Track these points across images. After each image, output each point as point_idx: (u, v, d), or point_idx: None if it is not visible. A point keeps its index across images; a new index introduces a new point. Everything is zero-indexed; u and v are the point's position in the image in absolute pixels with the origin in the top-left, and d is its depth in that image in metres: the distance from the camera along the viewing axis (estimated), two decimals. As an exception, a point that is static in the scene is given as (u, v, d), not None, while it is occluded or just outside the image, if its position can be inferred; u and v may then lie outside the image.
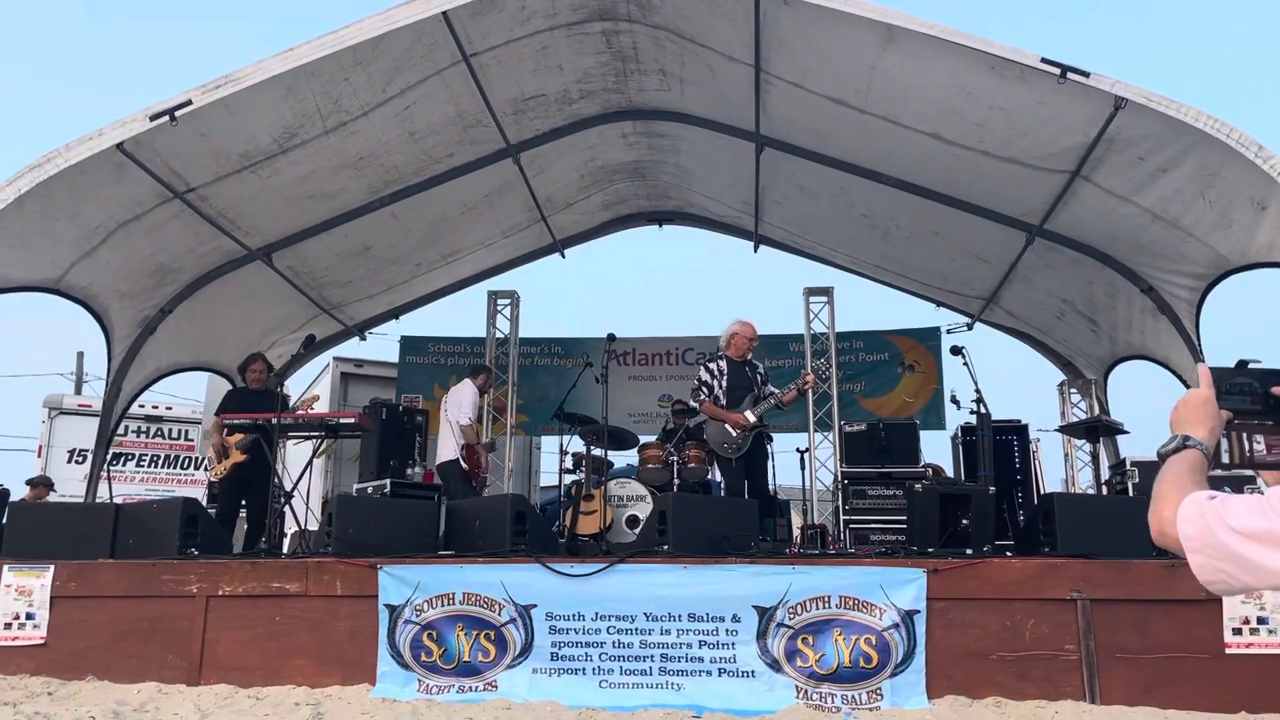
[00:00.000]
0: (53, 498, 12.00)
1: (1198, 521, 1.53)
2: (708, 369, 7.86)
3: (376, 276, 10.55)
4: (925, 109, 7.35)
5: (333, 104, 7.36)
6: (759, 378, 7.81)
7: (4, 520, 6.86)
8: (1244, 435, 1.72)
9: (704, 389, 7.74)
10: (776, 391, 7.66)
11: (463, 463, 8.60)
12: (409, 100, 7.76)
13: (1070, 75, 6.24)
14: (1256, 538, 1.47)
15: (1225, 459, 1.71)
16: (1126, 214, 7.49)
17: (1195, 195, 6.79)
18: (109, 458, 9.28)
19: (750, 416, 7.50)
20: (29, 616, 6.08)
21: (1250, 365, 1.75)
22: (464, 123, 8.46)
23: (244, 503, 8.26)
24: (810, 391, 7.63)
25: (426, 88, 7.73)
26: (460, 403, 8.81)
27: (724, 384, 7.70)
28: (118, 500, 8.34)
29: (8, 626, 6.07)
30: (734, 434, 7.51)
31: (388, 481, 8.66)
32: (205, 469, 9.60)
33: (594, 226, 11.81)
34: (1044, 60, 6.27)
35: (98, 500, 8.68)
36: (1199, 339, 7.83)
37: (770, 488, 7.92)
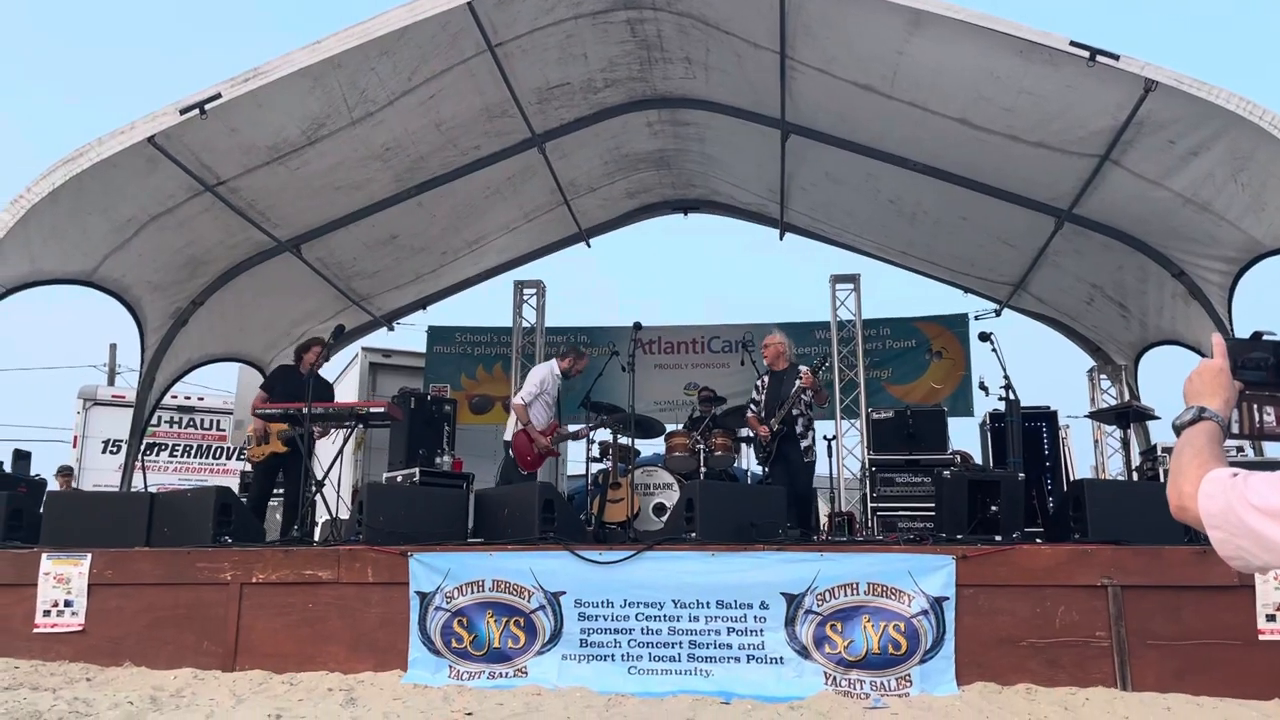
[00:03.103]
0: (87, 488, 12.19)
1: (1219, 498, 1.52)
2: (756, 386, 8.32)
3: (403, 266, 10.60)
4: (953, 93, 7.30)
5: (359, 94, 7.40)
6: (799, 381, 7.89)
7: (41, 510, 6.97)
8: (1254, 406, 1.71)
9: (752, 404, 8.20)
10: (798, 397, 7.82)
11: (511, 448, 8.37)
12: (434, 89, 7.79)
13: (1100, 58, 6.18)
14: (1276, 515, 1.46)
15: (1235, 429, 1.70)
16: (1157, 198, 7.41)
17: (1227, 178, 6.71)
18: (143, 448, 9.40)
19: (773, 426, 7.79)
20: (67, 604, 6.18)
21: (1265, 337, 1.73)
22: (489, 113, 8.48)
23: (278, 490, 8.32)
24: (816, 389, 7.75)
25: (452, 77, 7.75)
26: (527, 379, 8.57)
27: (764, 398, 8.07)
28: (152, 490, 8.45)
29: (47, 614, 6.17)
30: (763, 443, 7.88)
31: (417, 470, 8.70)
32: (244, 450, 9.64)
33: (619, 215, 11.82)
34: (1073, 43, 6.22)
35: (132, 490, 8.80)
36: (1232, 323, 7.75)
37: (805, 489, 7.98)
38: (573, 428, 9.07)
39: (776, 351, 8.19)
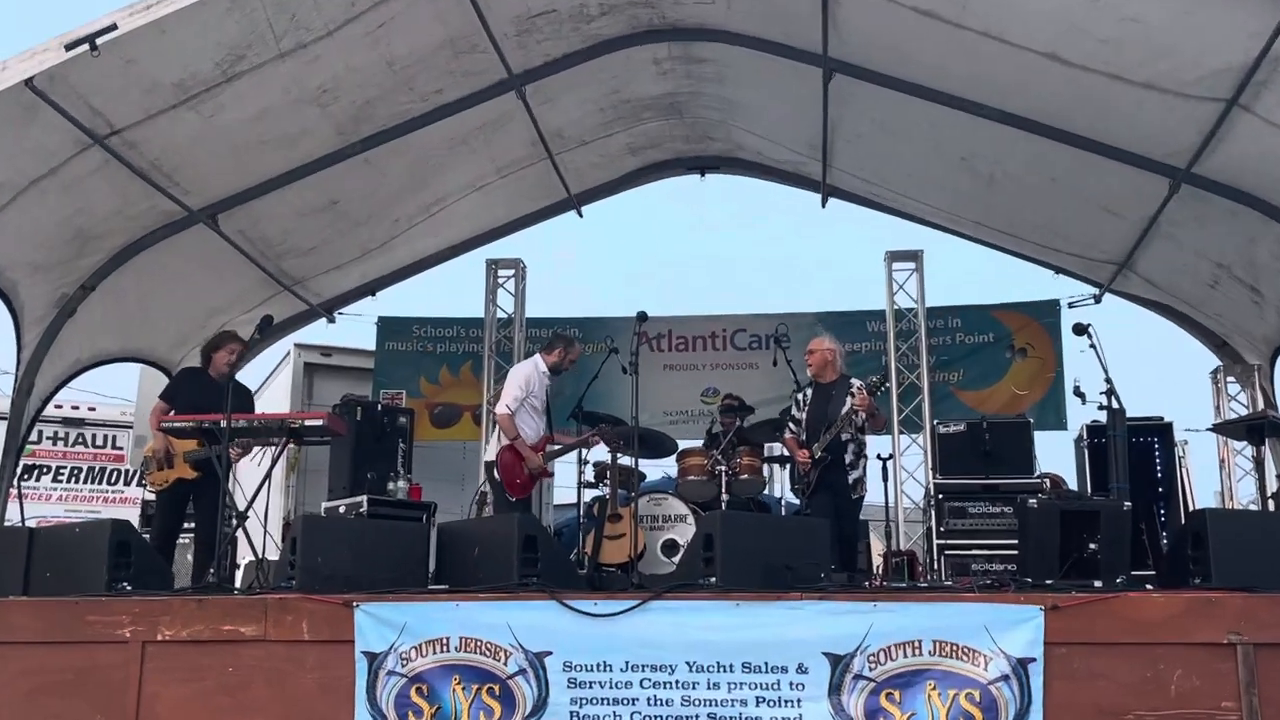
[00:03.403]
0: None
1: None
2: (795, 400, 8.50)
3: (346, 239, 10.57)
4: (1039, 22, 7.30)
5: (289, 20, 7.37)
6: (850, 398, 8.04)
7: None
8: None
9: (791, 423, 8.39)
10: (849, 420, 7.94)
11: (496, 470, 8.32)
12: (384, 17, 7.76)
13: (1226, -24, 6.17)
14: None
15: None
16: (1300, 153, 7.40)
17: (1390, 127, 6.70)
18: (19, 471, 9.40)
19: (816, 452, 7.95)
20: (-76, 668, 6.18)
21: None
22: (455, 48, 8.47)
23: (188, 524, 8.31)
24: (872, 412, 7.85)
25: (406, 1, 7.74)
26: (507, 381, 8.56)
27: (805, 416, 8.24)
28: (31, 524, 8.45)
29: (-101, 680, 6.17)
30: (801, 472, 8.05)
31: (364, 499, 8.71)
32: (142, 473, 9.65)
33: (618, 177, 11.82)
34: (1192, -43, 6.21)
35: (6, 524, 8.81)
36: (1394, 311, 7.75)
37: (851, 529, 8.05)
38: (568, 440, 9.02)
39: (823, 360, 8.32)
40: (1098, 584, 6.19)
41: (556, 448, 8.63)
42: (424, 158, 9.85)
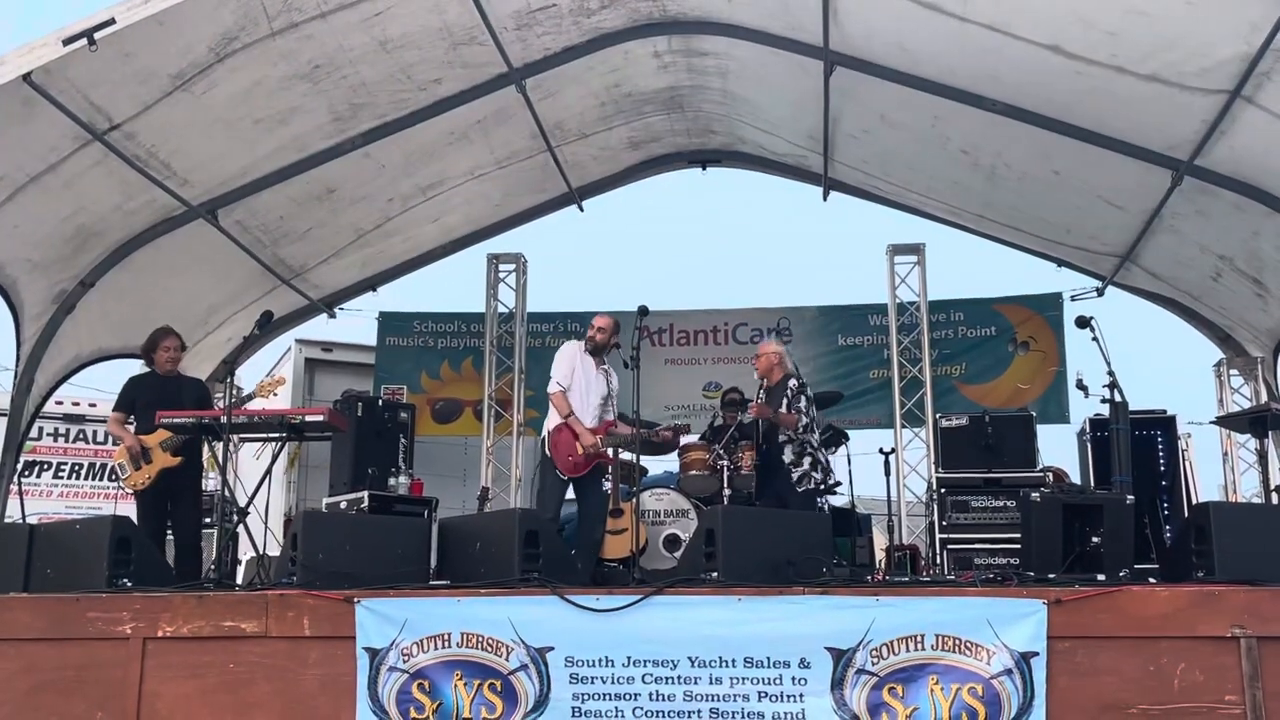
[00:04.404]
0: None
1: None
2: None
3: (340, 219, 10.48)
4: (1043, 14, 7.28)
5: (283, 2, 7.33)
6: (785, 400, 8.18)
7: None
8: None
9: None
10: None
11: (548, 445, 8.15)
12: (380, 6, 7.75)
13: (1229, -34, 6.16)
14: None
15: None
16: (1303, 144, 7.39)
17: (1393, 119, 6.69)
18: (20, 467, 9.40)
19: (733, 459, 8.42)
20: (-75, 665, 6.18)
21: None
22: (453, 40, 8.46)
23: (169, 522, 8.24)
24: (769, 417, 8.03)
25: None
26: (555, 361, 8.39)
27: None
28: (31, 520, 8.45)
29: (-100, 677, 6.17)
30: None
31: (365, 494, 8.72)
32: (116, 479, 9.61)
33: (619, 171, 11.81)
34: (1194, -53, 6.20)
35: (7, 520, 8.81)
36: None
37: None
38: (626, 431, 8.27)
39: (768, 364, 8.53)
40: (1101, 578, 6.20)
41: (619, 433, 8.34)
42: (423, 150, 9.85)
